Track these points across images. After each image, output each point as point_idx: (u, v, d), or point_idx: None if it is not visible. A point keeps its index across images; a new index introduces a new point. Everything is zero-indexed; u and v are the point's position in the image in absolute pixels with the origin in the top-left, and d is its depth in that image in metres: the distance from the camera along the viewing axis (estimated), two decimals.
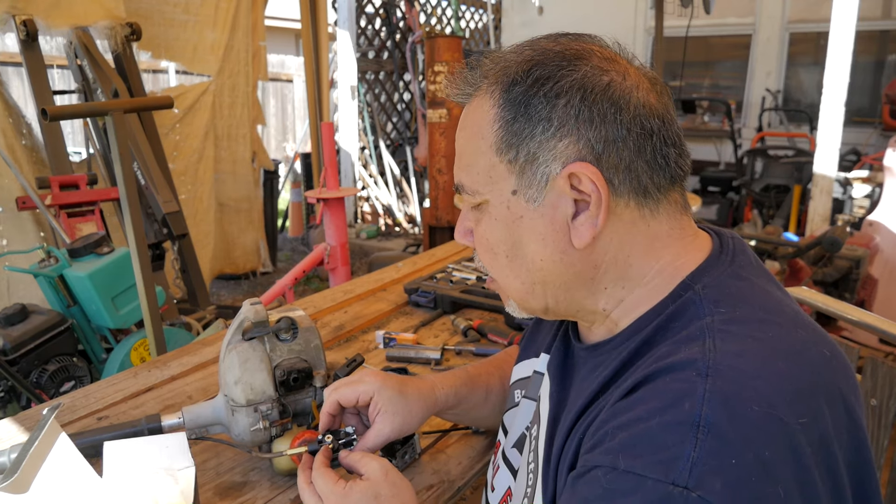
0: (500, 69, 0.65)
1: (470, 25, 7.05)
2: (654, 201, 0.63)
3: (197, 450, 0.99)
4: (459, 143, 0.70)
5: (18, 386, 2.09)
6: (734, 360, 0.53)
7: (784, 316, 0.59)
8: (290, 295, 3.01)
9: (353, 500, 0.72)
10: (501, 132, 0.63)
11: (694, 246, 0.66)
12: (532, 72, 0.62)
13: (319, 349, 0.98)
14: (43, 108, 1.83)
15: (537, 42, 0.66)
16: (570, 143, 0.61)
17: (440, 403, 0.90)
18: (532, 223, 0.64)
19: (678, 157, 0.63)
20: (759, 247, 2.78)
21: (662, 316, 0.61)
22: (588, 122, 0.60)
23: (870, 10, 6.05)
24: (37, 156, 3.36)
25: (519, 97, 0.62)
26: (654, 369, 0.55)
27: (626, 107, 0.60)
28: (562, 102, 0.60)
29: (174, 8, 3.93)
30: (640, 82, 0.63)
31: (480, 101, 0.66)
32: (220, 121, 4.30)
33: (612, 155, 0.60)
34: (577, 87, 0.60)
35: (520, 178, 0.63)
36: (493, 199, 0.66)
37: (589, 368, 0.67)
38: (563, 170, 0.61)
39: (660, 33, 4.50)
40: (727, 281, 0.62)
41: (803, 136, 5.91)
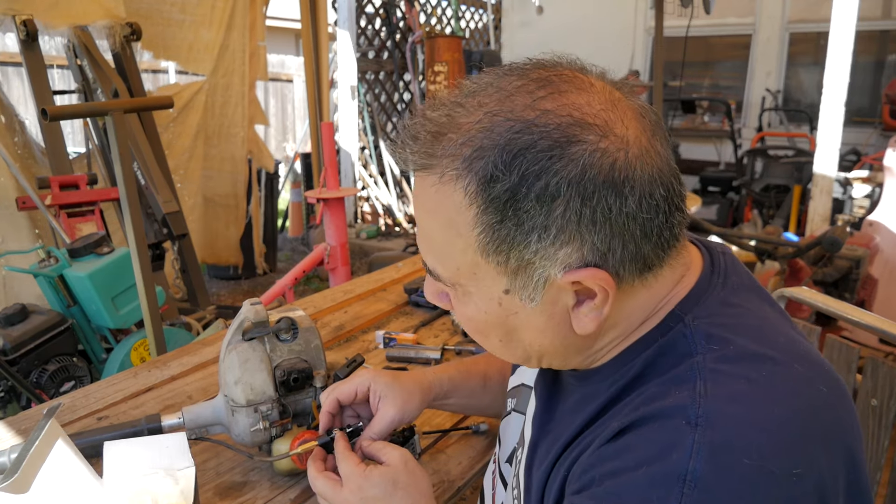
0: (471, 151, 0.52)
1: (470, 25, 7.05)
2: (658, 268, 0.57)
3: (197, 450, 0.99)
4: (425, 225, 0.59)
5: (18, 386, 2.09)
6: (725, 406, 0.50)
7: (779, 348, 0.55)
8: (290, 295, 3.01)
9: (372, 482, 0.73)
10: (485, 237, 0.54)
11: (688, 273, 0.61)
12: (515, 165, 0.51)
13: (319, 349, 0.98)
14: (43, 108, 1.83)
15: (512, 104, 0.53)
16: (573, 250, 0.53)
17: (435, 388, 0.91)
18: (528, 318, 0.58)
19: (682, 215, 0.57)
20: (759, 247, 2.78)
21: (651, 350, 0.57)
22: (592, 224, 0.52)
23: (870, 10, 6.05)
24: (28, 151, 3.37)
25: (503, 197, 0.51)
26: (642, 414, 0.53)
27: (631, 191, 0.52)
28: (559, 207, 0.51)
29: (171, 7, 3.93)
30: (641, 146, 0.53)
31: (448, 188, 0.54)
32: (211, 119, 4.32)
33: (618, 250, 0.53)
34: (577, 185, 0.51)
35: (513, 280, 0.56)
36: (479, 293, 0.59)
37: (576, 399, 0.64)
38: (565, 275, 0.54)
39: (660, 33, 4.50)
40: (719, 309, 0.58)
41: (803, 136, 5.91)
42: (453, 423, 1.08)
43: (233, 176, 4.47)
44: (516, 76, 0.55)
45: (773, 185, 5.47)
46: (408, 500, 0.73)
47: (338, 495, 0.75)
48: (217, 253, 4.62)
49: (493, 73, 0.57)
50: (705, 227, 2.68)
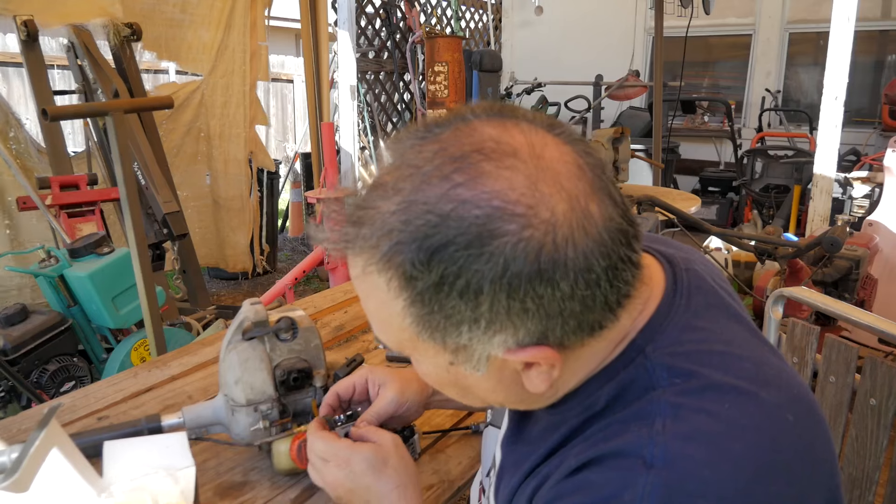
0: (388, 246, 0.49)
1: (470, 25, 7.05)
2: (612, 323, 0.54)
3: (197, 450, 0.99)
4: (363, 303, 0.57)
5: (19, 386, 2.09)
6: (683, 446, 0.49)
7: (744, 374, 0.53)
8: (290, 295, 3.01)
9: (361, 456, 0.74)
10: (417, 327, 0.52)
11: (649, 299, 0.58)
12: (433, 264, 0.48)
13: (319, 349, 0.98)
14: (43, 108, 1.83)
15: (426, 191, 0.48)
16: (508, 336, 0.51)
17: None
18: (478, 382, 0.57)
19: (632, 268, 0.52)
20: (758, 247, 2.78)
21: (613, 383, 0.56)
22: (523, 313, 0.49)
23: (870, 10, 6.06)
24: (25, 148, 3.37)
25: (426, 294, 0.49)
26: (600, 451, 0.52)
27: (563, 276, 0.48)
28: (485, 303, 0.48)
29: (173, 7, 3.94)
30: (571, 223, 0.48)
31: (370, 278, 0.52)
32: (212, 120, 4.31)
33: (557, 328, 0.51)
34: (500, 282, 0.47)
35: (454, 356, 0.54)
36: (426, 362, 0.58)
37: (542, 426, 0.63)
38: (505, 354, 0.52)
39: (660, 33, 4.50)
40: (681, 337, 0.56)
41: (803, 137, 5.91)
42: (453, 423, 1.08)
43: (237, 177, 4.46)
44: (432, 150, 0.50)
45: (772, 186, 5.47)
46: (396, 481, 0.74)
47: (327, 470, 0.76)
48: (225, 259, 4.60)
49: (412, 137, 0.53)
50: (705, 228, 2.68)
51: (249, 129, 4.48)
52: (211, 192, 4.44)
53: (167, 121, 4.10)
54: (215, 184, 4.44)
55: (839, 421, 1.24)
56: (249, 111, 4.44)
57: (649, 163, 4.76)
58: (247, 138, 4.45)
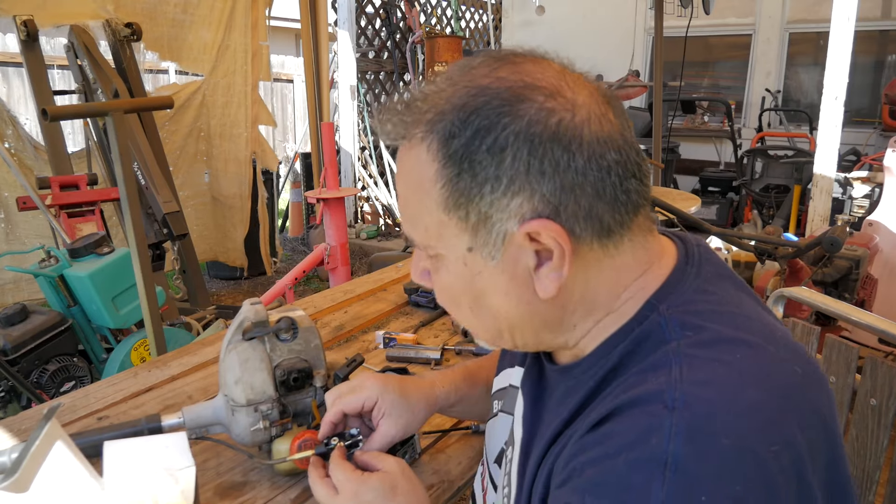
0: (433, 115, 0.58)
1: (470, 25, 7.05)
2: (619, 236, 0.59)
3: (197, 450, 0.99)
4: (401, 191, 0.64)
5: (19, 386, 2.09)
6: (701, 389, 0.51)
7: (753, 332, 0.57)
8: (290, 295, 3.01)
9: (370, 486, 0.74)
10: (446, 191, 0.58)
11: (660, 263, 0.63)
12: (470, 121, 0.56)
13: (319, 349, 0.98)
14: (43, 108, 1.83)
15: (471, 74, 0.59)
16: (524, 200, 0.56)
17: (441, 401, 0.91)
18: (492, 279, 0.60)
19: (640, 185, 0.59)
20: (758, 247, 2.78)
21: (628, 341, 0.59)
22: (540, 175, 0.55)
23: (870, 10, 6.06)
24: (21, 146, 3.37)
25: (460, 151, 0.56)
26: (621, 401, 0.54)
27: (578, 149, 0.55)
28: (508, 157, 0.55)
29: (174, 8, 3.94)
30: (590, 111, 0.57)
31: (417, 150, 0.59)
32: (213, 119, 4.32)
33: (570, 204, 0.56)
34: (523, 137, 0.55)
35: (474, 237, 0.59)
36: (447, 254, 0.62)
37: (560, 393, 0.66)
38: (520, 227, 0.57)
39: (660, 33, 4.50)
40: (693, 297, 0.60)
41: (803, 136, 5.91)
42: (453, 423, 1.08)
43: (237, 177, 4.48)
44: (482, 57, 0.61)
45: (772, 186, 5.47)
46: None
47: (335, 502, 0.75)
48: (226, 253, 4.64)
49: (467, 58, 0.62)
50: (705, 228, 2.68)
51: (252, 129, 4.48)
52: (210, 190, 4.46)
53: (170, 122, 4.10)
54: (215, 182, 4.45)
55: (839, 421, 1.24)
56: (251, 111, 4.44)
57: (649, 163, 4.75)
58: (248, 138, 4.46)
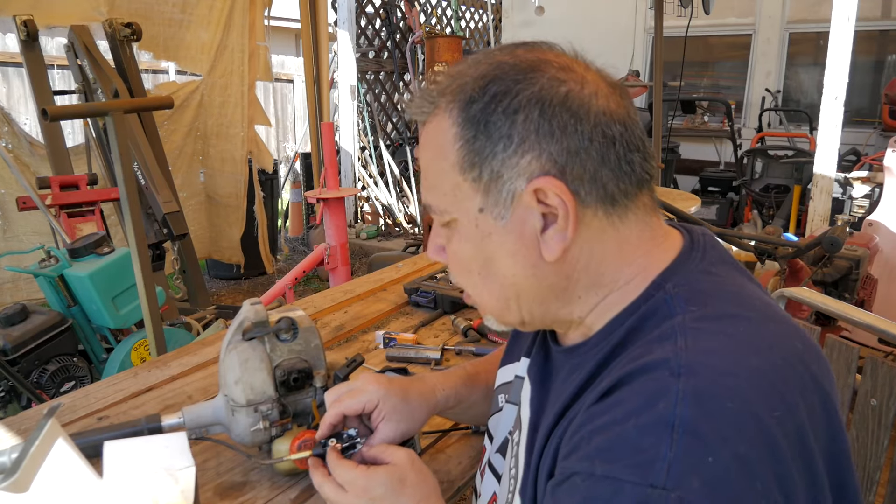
0: (456, 86, 0.64)
1: (470, 25, 7.06)
2: (623, 207, 0.62)
3: (197, 450, 0.99)
4: (423, 162, 0.68)
5: (19, 386, 2.09)
6: (706, 357, 0.53)
7: (755, 310, 0.60)
8: (290, 295, 3.01)
9: (377, 481, 0.73)
10: (463, 151, 0.63)
11: (665, 245, 0.66)
12: (488, 88, 0.61)
13: (319, 349, 0.98)
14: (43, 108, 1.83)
15: (492, 55, 0.65)
16: (533, 159, 0.60)
17: (441, 404, 0.91)
18: (501, 239, 0.64)
19: (643, 160, 0.63)
20: (758, 247, 2.78)
21: (634, 317, 0.61)
22: (549, 136, 0.60)
23: (870, 10, 6.06)
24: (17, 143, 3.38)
25: (478, 115, 0.62)
26: (627, 370, 0.55)
27: (585, 116, 0.60)
28: (521, 118, 0.60)
29: (172, 7, 3.93)
30: (598, 88, 0.62)
31: (440, 120, 0.65)
32: (209, 119, 4.33)
33: (575, 166, 0.60)
34: (535, 100, 0.60)
35: (485, 197, 0.63)
36: (460, 217, 0.65)
37: (567, 371, 0.67)
38: (528, 185, 0.60)
39: (659, 33, 4.50)
40: (698, 277, 0.63)
41: (803, 136, 5.91)
42: (453, 423, 1.08)
43: (233, 176, 4.48)
44: (502, 44, 0.68)
45: (772, 186, 5.47)
46: (417, 497, 0.73)
47: (345, 500, 0.74)
48: (221, 250, 4.65)
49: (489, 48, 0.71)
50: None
51: (249, 129, 4.48)
52: (205, 189, 4.48)
53: (168, 122, 4.11)
54: (211, 181, 4.47)
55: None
56: (248, 111, 4.45)
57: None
58: (245, 138, 4.46)
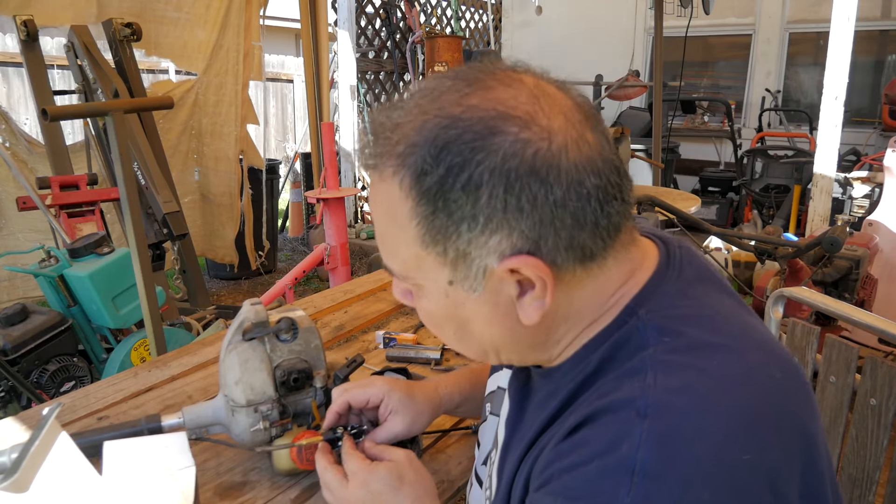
0: (405, 147, 0.55)
1: (470, 25, 7.05)
2: (602, 258, 0.58)
3: (197, 450, 0.99)
4: (377, 221, 0.61)
5: (19, 386, 2.09)
6: (674, 396, 0.51)
7: (732, 336, 0.56)
8: (290, 295, 3.01)
9: (378, 476, 0.75)
10: (422, 229, 0.56)
11: (641, 268, 0.62)
12: (442, 158, 0.53)
13: (319, 349, 0.98)
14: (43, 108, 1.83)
15: (443, 102, 0.55)
16: (503, 238, 0.54)
17: (445, 403, 0.92)
18: (475, 308, 0.59)
19: (622, 203, 0.57)
20: (758, 247, 2.78)
21: (607, 345, 0.58)
22: (518, 212, 0.53)
23: (870, 10, 6.06)
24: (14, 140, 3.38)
25: (433, 188, 0.54)
26: (595, 408, 0.54)
27: (556, 180, 0.53)
28: (484, 196, 0.53)
29: (165, 6, 3.93)
30: (567, 136, 0.54)
31: (389, 184, 0.57)
32: (204, 118, 4.34)
33: (549, 238, 0.54)
34: (498, 173, 0.52)
35: (453, 271, 0.57)
36: (427, 285, 0.60)
37: (542, 396, 0.66)
38: (500, 264, 0.55)
39: (659, 33, 4.51)
40: (672, 302, 0.59)
41: (803, 136, 5.91)
42: (453, 423, 1.08)
43: (227, 175, 4.50)
44: (451, 78, 0.58)
45: (772, 186, 5.47)
46: (413, 495, 0.75)
47: (344, 490, 0.76)
48: (215, 249, 4.65)
49: (435, 77, 0.59)
50: (705, 228, 2.68)
51: (241, 128, 4.49)
52: (199, 188, 4.49)
53: (163, 120, 4.11)
54: (205, 180, 4.48)
55: (839, 421, 1.24)
56: (241, 110, 4.45)
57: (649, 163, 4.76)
58: (237, 137, 4.47)
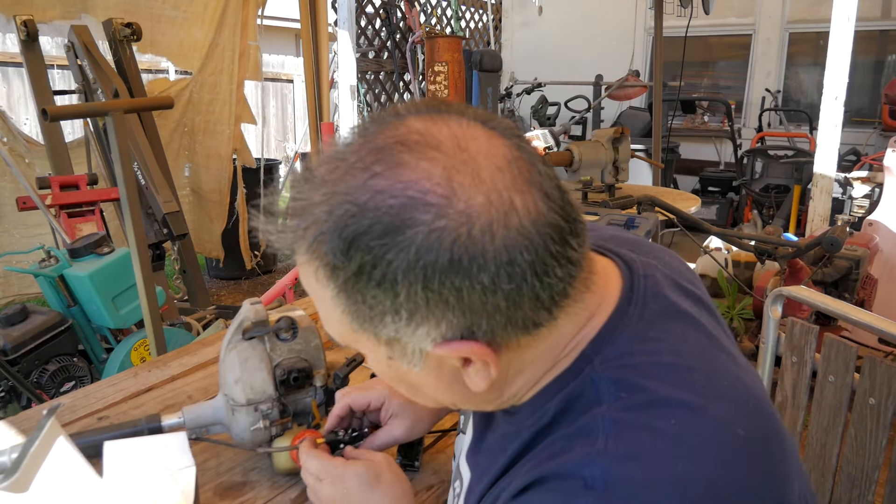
0: (314, 235, 0.50)
1: (470, 25, 7.05)
2: (549, 321, 0.53)
3: (197, 450, 0.99)
4: (308, 291, 0.57)
5: (19, 386, 2.09)
6: (625, 466, 0.48)
7: (695, 388, 0.52)
8: (290, 295, 3.01)
9: (353, 472, 0.75)
10: (347, 317, 0.52)
11: (601, 308, 0.57)
12: (352, 255, 0.48)
13: (319, 349, 0.98)
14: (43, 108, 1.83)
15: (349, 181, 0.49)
16: (431, 328, 0.50)
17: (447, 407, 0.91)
18: (420, 379, 0.57)
19: (565, 266, 0.51)
20: (758, 247, 2.79)
21: (562, 395, 0.55)
22: (442, 304, 0.49)
23: (870, 10, 6.06)
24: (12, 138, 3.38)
25: (349, 284, 0.50)
26: (543, 472, 0.51)
27: (482, 268, 0.47)
28: (402, 293, 0.48)
29: (163, 4, 3.93)
30: (490, 215, 0.48)
31: (304, 268, 0.54)
32: (197, 116, 4.35)
33: (482, 322, 0.50)
34: (413, 272, 0.47)
35: (389, 350, 0.54)
36: (369, 355, 0.58)
37: (499, 435, 0.64)
38: (434, 348, 0.52)
39: (659, 33, 4.50)
40: (631, 348, 0.55)
41: (803, 136, 5.91)
42: (453, 423, 1.08)
43: (218, 172, 4.51)
44: (360, 142, 0.52)
45: (772, 186, 5.47)
46: (390, 495, 0.74)
47: (320, 488, 0.77)
48: (202, 244, 4.66)
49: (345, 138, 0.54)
50: (705, 228, 2.68)
51: (235, 127, 4.49)
52: (189, 184, 4.50)
53: (157, 117, 4.12)
54: (196, 176, 4.50)
55: (838, 421, 1.24)
56: (236, 109, 4.46)
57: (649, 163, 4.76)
58: (231, 135, 4.47)
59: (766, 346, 1.47)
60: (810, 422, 1.30)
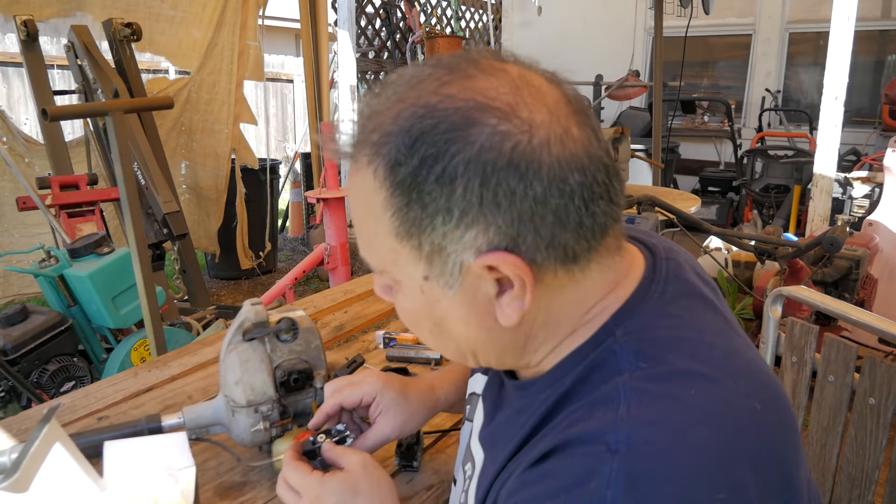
0: (380, 136, 0.53)
1: (470, 25, 7.05)
2: (585, 260, 0.55)
3: (197, 450, 0.99)
4: (354, 216, 0.59)
5: (19, 386, 2.09)
6: (647, 431, 0.48)
7: (713, 362, 0.54)
8: (290, 295, 3.01)
9: (330, 489, 0.72)
10: (396, 220, 0.53)
11: (625, 281, 0.59)
12: (416, 148, 0.51)
13: (320, 349, 0.98)
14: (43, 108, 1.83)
15: (421, 90, 0.53)
16: (479, 233, 0.52)
17: (441, 403, 0.90)
18: (451, 307, 0.57)
19: (608, 205, 0.54)
20: (758, 247, 2.79)
21: (581, 367, 0.56)
22: (495, 207, 0.50)
23: (870, 10, 6.06)
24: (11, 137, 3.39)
25: (407, 181, 0.51)
26: (564, 438, 0.52)
27: (536, 175, 0.50)
28: (459, 189, 0.50)
29: (161, 3, 3.94)
30: (550, 130, 0.51)
31: (364, 173, 0.55)
32: (195, 115, 4.35)
33: (529, 235, 0.52)
34: (474, 166, 0.50)
35: (429, 266, 0.55)
36: (404, 280, 0.58)
37: (513, 411, 0.64)
38: (476, 260, 0.52)
39: (659, 33, 4.51)
40: (653, 321, 0.56)
41: (803, 136, 5.91)
42: (453, 423, 1.08)
43: (215, 171, 4.52)
44: (431, 66, 0.55)
45: (772, 186, 5.47)
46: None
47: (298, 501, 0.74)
48: (198, 239, 4.68)
49: (416, 65, 0.57)
50: (705, 228, 2.68)
51: (234, 127, 4.50)
52: (185, 181, 4.52)
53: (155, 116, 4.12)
54: (192, 174, 4.51)
55: (838, 420, 1.24)
56: (234, 109, 4.46)
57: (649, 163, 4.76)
58: (229, 135, 4.48)
59: (766, 346, 1.47)
60: (810, 422, 1.30)
